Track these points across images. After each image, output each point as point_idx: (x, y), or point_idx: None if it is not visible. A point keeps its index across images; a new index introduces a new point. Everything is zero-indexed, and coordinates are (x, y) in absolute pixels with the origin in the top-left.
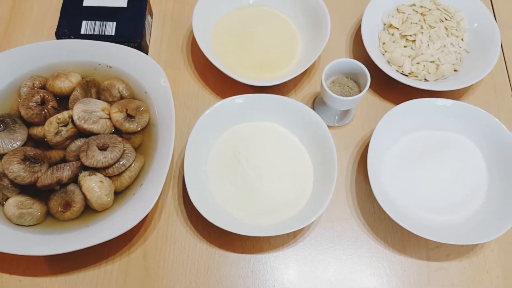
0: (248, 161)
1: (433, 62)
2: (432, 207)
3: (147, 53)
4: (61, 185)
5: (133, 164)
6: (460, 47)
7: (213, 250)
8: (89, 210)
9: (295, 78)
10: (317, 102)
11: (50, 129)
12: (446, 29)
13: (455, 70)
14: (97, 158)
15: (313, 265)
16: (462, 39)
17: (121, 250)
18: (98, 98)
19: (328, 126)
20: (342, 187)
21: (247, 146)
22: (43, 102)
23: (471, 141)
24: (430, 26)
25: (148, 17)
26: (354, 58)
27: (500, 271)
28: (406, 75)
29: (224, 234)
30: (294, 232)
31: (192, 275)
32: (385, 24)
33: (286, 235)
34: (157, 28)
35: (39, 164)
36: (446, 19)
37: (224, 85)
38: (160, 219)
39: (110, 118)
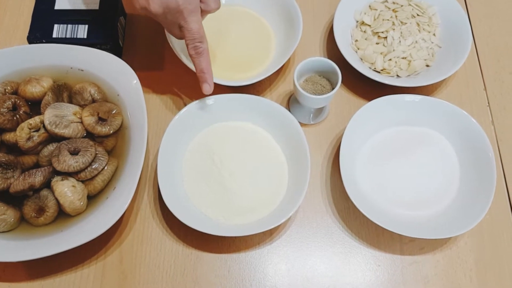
0: (222, 161)
1: (405, 58)
2: (405, 202)
3: (120, 55)
4: (35, 190)
5: (106, 168)
6: (432, 43)
7: (190, 251)
8: (63, 214)
9: (270, 77)
10: (291, 101)
11: (22, 134)
12: (418, 24)
13: (427, 66)
14: (69, 162)
15: (289, 262)
16: (434, 34)
17: (97, 254)
18: (70, 102)
19: (303, 124)
20: (317, 185)
21: (221, 147)
22: (15, 108)
23: (442, 136)
24: (401, 22)
25: (121, 19)
26: (328, 56)
27: (473, 264)
28: (379, 72)
29: (200, 235)
30: (270, 230)
31: (169, 277)
32: (357, 22)
33: (263, 233)
34: (130, 29)
35: (11, 170)
36: (418, 15)
37: (199, 86)
38: (135, 222)
39: (82, 122)
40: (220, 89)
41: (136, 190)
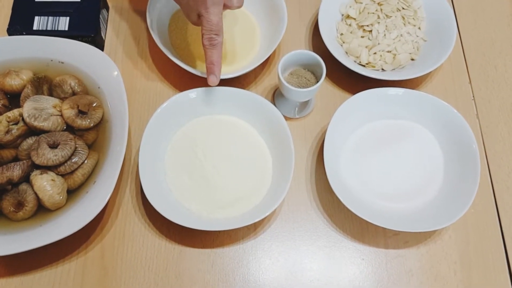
0: (206, 155)
1: (390, 52)
2: (389, 195)
3: (102, 48)
4: (13, 184)
5: (86, 161)
6: (417, 36)
7: (172, 246)
8: (42, 209)
9: (255, 70)
10: (277, 94)
11: (0, 128)
12: (403, 18)
13: (412, 59)
14: (47, 156)
15: (273, 256)
16: (419, 28)
17: (78, 249)
18: (50, 95)
19: (288, 118)
20: (302, 179)
21: (205, 140)
22: None
23: (426, 129)
24: (386, 15)
25: (103, 11)
26: (313, 49)
27: (457, 257)
28: (364, 66)
29: (183, 230)
30: (254, 224)
31: (151, 272)
32: (343, 15)
33: (247, 228)
34: (113, 22)
35: None
36: (403, 8)
37: (183, 79)
38: (117, 217)
39: (62, 115)
40: (202, 81)
41: (118, 185)
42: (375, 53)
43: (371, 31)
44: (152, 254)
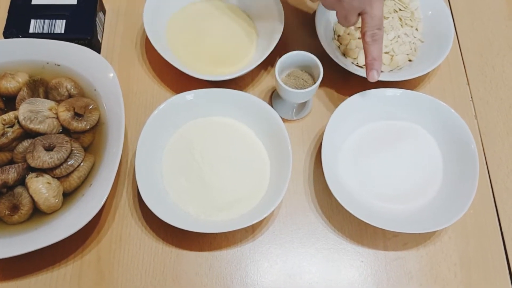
0: (203, 156)
1: (387, 53)
2: (388, 196)
3: (99, 51)
4: (8, 187)
5: (82, 164)
6: (414, 37)
7: (170, 249)
8: (38, 212)
9: (252, 72)
10: (274, 96)
11: None
12: (400, 19)
13: (410, 60)
14: (43, 158)
15: (272, 259)
16: (416, 29)
17: (74, 253)
18: (46, 97)
19: (286, 119)
20: (300, 181)
21: (202, 142)
22: None
23: (424, 130)
24: (384, 17)
25: (100, 14)
26: (311, 51)
27: (457, 258)
28: (361, 67)
29: (180, 233)
30: (252, 227)
31: (148, 276)
32: None
33: (244, 230)
34: (110, 25)
35: None
36: (400, 10)
37: (181, 81)
38: (114, 220)
39: (57, 118)
40: (203, 84)
41: (115, 188)
42: None
43: None
44: (149, 257)
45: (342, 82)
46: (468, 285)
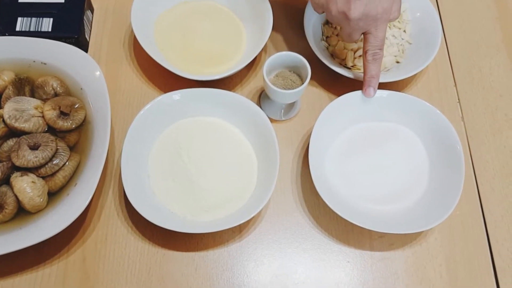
0: (190, 156)
1: None
2: (375, 197)
3: (86, 50)
4: None
5: (67, 163)
6: (402, 39)
7: (156, 250)
8: (23, 211)
9: (241, 72)
10: (262, 97)
11: None
12: None
13: (397, 62)
14: (28, 157)
15: (258, 259)
16: (404, 31)
17: (59, 253)
18: (33, 96)
19: (274, 120)
20: (288, 181)
21: (189, 142)
22: None
23: (411, 131)
24: None
25: (88, 12)
26: (299, 52)
27: (443, 259)
28: (350, 68)
29: (167, 233)
30: (239, 227)
31: (133, 276)
32: None
33: (231, 231)
34: (98, 23)
35: None
36: None
37: (169, 81)
38: (99, 220)
39: (43, 117)
40: (191, 84)
41: (100, 187)
42: (360, 55)
43: None
44: (135, 257)
45: (330, 83)
46: (453, 285)
